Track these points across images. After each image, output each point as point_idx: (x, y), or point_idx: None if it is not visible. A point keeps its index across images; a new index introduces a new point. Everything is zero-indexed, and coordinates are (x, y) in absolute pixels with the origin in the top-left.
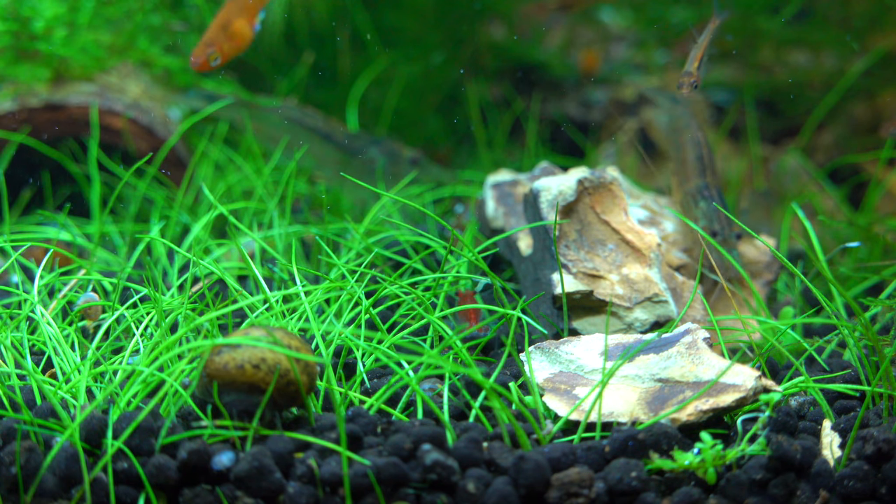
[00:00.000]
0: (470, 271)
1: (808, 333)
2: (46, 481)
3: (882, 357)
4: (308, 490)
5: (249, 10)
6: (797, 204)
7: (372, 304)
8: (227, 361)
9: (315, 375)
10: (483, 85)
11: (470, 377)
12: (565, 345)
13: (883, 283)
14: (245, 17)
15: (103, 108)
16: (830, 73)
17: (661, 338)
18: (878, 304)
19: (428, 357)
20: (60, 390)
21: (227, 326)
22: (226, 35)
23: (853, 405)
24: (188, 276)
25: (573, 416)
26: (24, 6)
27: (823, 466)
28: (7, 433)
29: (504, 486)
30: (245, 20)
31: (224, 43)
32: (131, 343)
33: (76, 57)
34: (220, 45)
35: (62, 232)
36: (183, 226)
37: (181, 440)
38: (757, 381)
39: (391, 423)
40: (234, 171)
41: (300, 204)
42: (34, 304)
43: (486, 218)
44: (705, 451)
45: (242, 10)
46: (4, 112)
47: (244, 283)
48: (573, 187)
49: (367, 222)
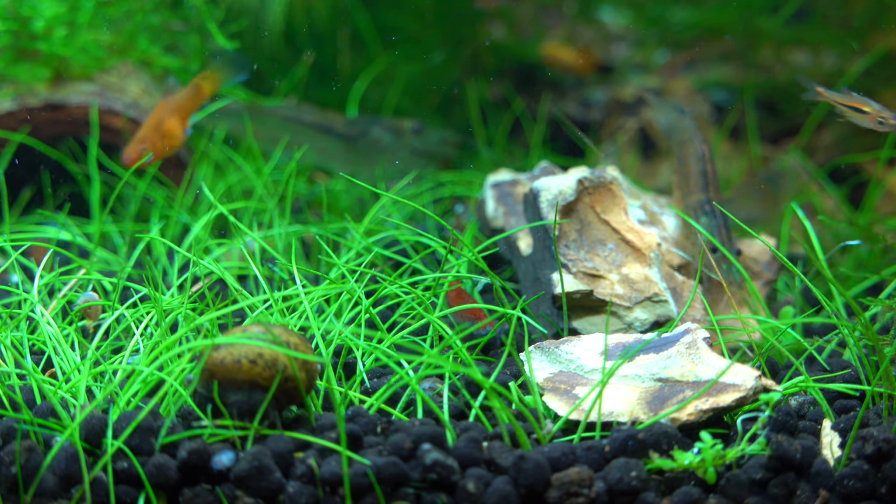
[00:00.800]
0: (470, 271)
1: (808, 333)
2: (46, 481)
3: (882, 357)
4: (308, 490)
5: (182, 112)
6: (797, 203)
7: (372, 303)
8: (224, 356)
9: (315, 373)
10: (483, 84)
11: (470, 377)
12: (565, 344)
13: (883, 283)
14: (177, 117)
15: (103, 107)
16: (830, 73)
17: (661, 337)
18: (877, 303)
19: (428, 357)
20: (60, 390)
21: (227, 326)
22: (158, 133)
23: (853, 405)
24: (188, 276)
25: (573, 416)
26: (24, 6)
27: (823, 466)
28: (7, 433)
29: (504, 485)
30: (177, 120)
31: (157, 141)
32: (131, 343)
33: (76, 57)
34: (153, 143)
35: (62, 231)
36: (183, 225)
37: (181, 440)
38: (757, 381)
39: (391, 423)
40: (234, 170)
41: (300, 203)
42: (34, 304)
43: (486, 218)
44: (705, 450)
45: (175, 111)
46: (4, 112)
47: (244, 282)
48: (573, 187)
49: (367, 222)
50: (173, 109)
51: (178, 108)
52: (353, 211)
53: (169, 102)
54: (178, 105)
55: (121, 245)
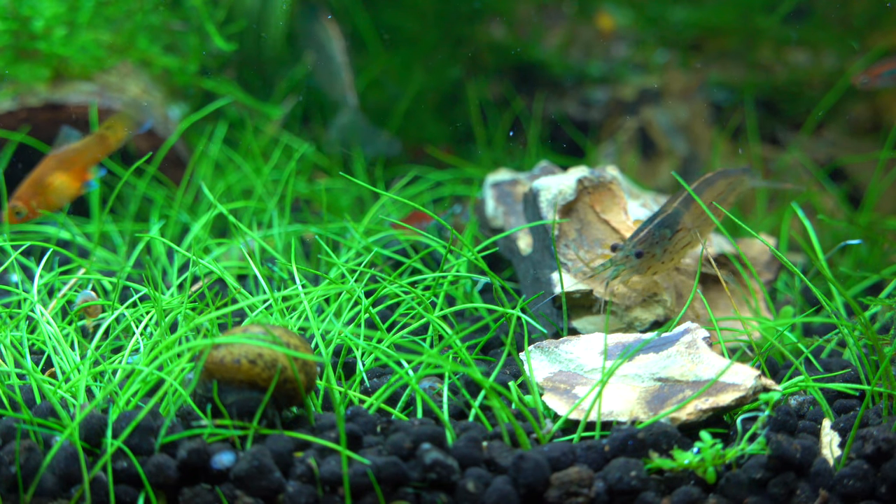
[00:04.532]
0: (470, 270)
1: (808, 333)
2: (46, 480)
3: (882, 356)
4: (308, 489)
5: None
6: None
7: (371, 303)
8: (223, 356)
9: (314, 375)
10: (483, 84)
11: (469, 376)
12: (565, 344)
13: (883, 283)
14: (68, 171)
15: (103, 107)
16: (830, 73)
17: (660, 337)
18: (877, 303)
19: (427, 356)
20: (60, 389)
21: (226, 326)
22: (34, 190)
23: (853, 404)
24: (188, 276)
25: (573, 416)
26: (24, 5)
27: (823, 466)
28: (7, 432)
29: (504, 485)
30: (67, 174)
31: (32, 198)
32: (131, 342)
33: (76, 56)
34: (27, 201)
35: (62, 231)
36: (182, 225)
37: (181, 439)
38: (756, 381)
39: (391, 423)
40: (233, 170)
41: (300, 203)
42: (34, 304)
43: (485, 217)
44: (705, 450)
45: (64, 164)
46: (4, 111)
47: (244, 282)
48: (573, 186)
49: (367, 221)
50: (62, 162)
51: (70, 161)
52: (353, 210)
53: (58, 155)
54: (69, 158)
55: (120, 245)
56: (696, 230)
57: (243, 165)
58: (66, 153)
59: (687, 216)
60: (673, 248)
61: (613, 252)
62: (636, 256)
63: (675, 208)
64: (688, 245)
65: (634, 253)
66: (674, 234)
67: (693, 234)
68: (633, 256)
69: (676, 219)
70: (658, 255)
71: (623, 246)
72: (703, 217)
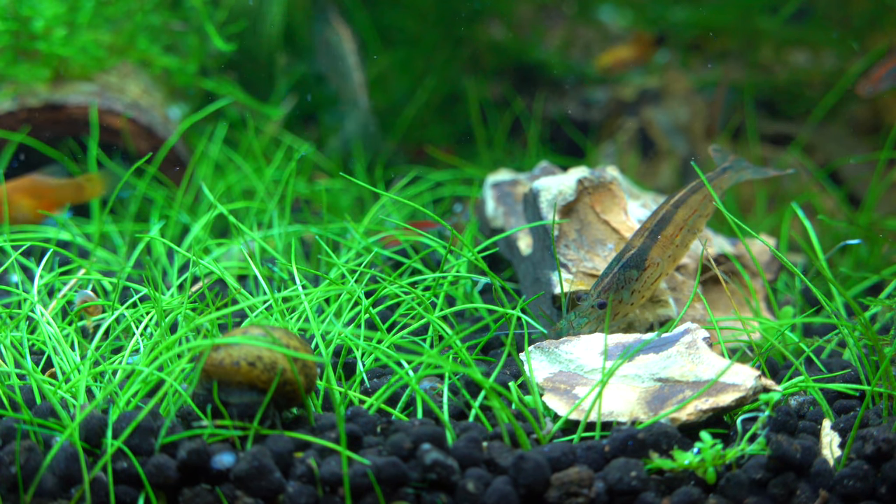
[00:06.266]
0: (470, 271)
1: (808, 333)
2: (46, 481)
3: (882, 357)
4: (308, 490)
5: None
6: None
7: (371, 303)
8: (223, 358)
9: (314, 376)
10: (483, 84)
11: (469, 377)
12: (565, 344)
13: (883, 283)
14: (35, 199)
15: (103, 107)
16: (830, 73)
17: (660, 337)
18: (877, 303)
19: (427, 357)
20: (60, 390)
21: (226, 326)
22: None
23: (853, 405)
24: (188, 276)
25: (573, 416)
26: (24, 6)
27: (823, 466)
28: (7, 433)
29: (504, 485)
30: (30, 200)
31: None
32: (131, 343)
33: (76, 57)
34: None
35: (62, 231)
36: (182, 225)
37: (181, 440)
38: (756, 381)
39: (391, 423)
40: (233, 170)
41: (300, 203)
42: (34, 304)
43: (485, 217)
44: (705, 450)
45: (35, 192)
46: (4, 112)
47: (244, 282)
48: (573, 187)
49: (367, 222)
50: (36, 188)
51: (43, 192)
52: (353, 211)
53: (37, 181)
54: (43, 188)
55: (121, 245)
56: (666, 260)
57: (243, 166)
58: (45, 183)
59: (655, 249)
60: (642, 286)
61: (578, 303)
62: (599, 308)
63: (641, 245)
64: (659, 277)
65: (597, 304)
66: (641, 274)
67: (664, 265)
68: (596, 307)
69: (643, 256)
70: (626, 298)
71: (587, 296)
72: (675, 244)
